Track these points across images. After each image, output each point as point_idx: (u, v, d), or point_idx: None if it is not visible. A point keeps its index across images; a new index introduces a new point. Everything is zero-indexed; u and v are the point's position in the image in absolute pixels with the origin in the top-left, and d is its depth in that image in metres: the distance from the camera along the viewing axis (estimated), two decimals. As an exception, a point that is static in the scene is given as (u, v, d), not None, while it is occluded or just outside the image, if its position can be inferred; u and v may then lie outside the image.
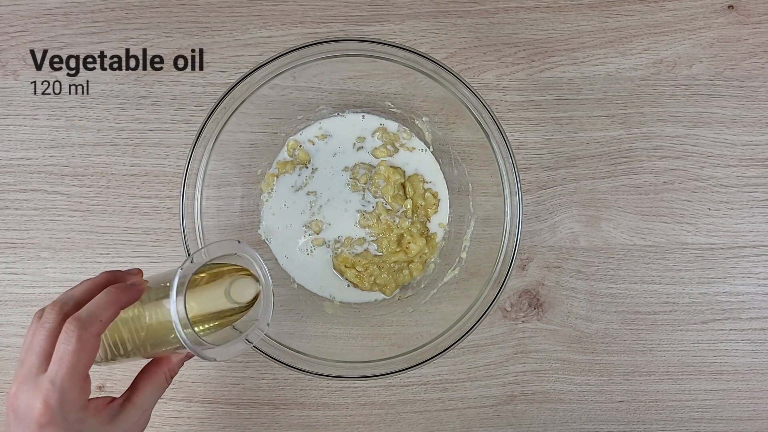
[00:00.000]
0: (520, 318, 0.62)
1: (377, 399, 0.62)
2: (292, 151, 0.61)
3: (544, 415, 0.62)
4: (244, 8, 0.62)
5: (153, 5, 0.62)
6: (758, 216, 0.62)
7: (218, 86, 0.62)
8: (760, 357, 0.62)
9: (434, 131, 0.61)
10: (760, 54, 0.62)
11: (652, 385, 0.62)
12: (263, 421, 0.62)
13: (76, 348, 0.38)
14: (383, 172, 0.60)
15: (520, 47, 0.62)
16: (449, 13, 0.62)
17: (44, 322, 0.39)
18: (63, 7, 0.62)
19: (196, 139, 0.54)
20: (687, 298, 0.62)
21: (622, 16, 0.62)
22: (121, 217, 0.62)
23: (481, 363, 0.62)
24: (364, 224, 0.61)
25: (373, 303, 0.62)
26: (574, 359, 0.62)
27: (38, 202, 0.62)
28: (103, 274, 0.45)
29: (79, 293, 0.42)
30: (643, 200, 0.61)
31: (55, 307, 0.40)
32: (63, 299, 0.41)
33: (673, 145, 0.62)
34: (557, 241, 0.62)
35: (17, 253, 0.62)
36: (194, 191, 0.55)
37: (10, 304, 0.62)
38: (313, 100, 0.61)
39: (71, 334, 0.38)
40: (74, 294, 0.42)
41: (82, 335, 0.38)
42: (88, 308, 0.40)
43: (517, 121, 0.62)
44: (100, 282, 0.43)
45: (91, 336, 0.39)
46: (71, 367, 0.38)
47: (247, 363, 0.62)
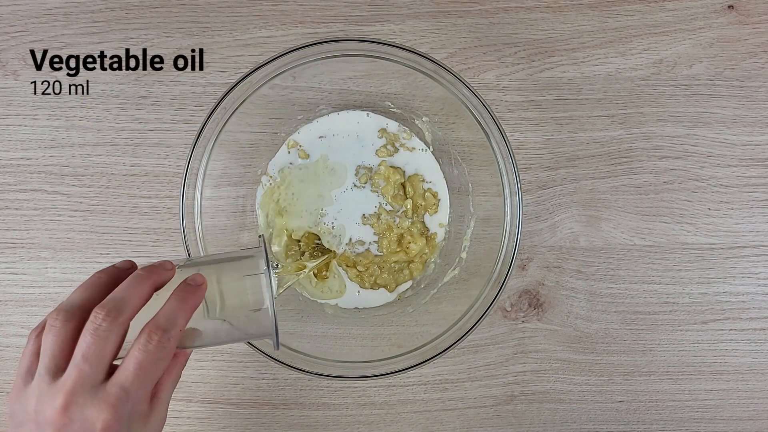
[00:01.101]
0: (520, 318, 0.62)
1: (377, 399, 0.62)
2: (291, 150, 0.61)
3: (544, 415, 0.62)
4: (244, 8, 0.62)
5: (153, 5, 0.62)
6: (758, 216, 0.62)
7: (218, 86, 0.62)
8: (760, 357, 0.62)
9: (434, 131, 0.61)
10: (760, 54, 0.62)
11: (652, 385, 0.62)
12: (263, 421, 0.62)
13: (155, 357, 0.36)
14: (383, 172, 0.60)
15: (520, 47, 0.62)
16: (449, 13, 0.62)
17: (97, 329, 0.35)
18: (63, 7, 0.62)
19: (196, 139, 0.54)
20: (687, 298, 0.62)
21: (622, 16, 0.62)
22: (121, 217, 0.62)
23: (481, 363, 0.62)
24: (365, 223, 0.61)
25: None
26: (574, 359, 0.62)
27: (38, 202, 0.62)
28: (128, 266, 0.41)
29: (123, 293, 0.38)
30: (643, 200, 0.61)
31: (104, 311, 0.36)
32: (114, 303, 0.37)
33: (673, 145, 0.62)
34: (557, 241, 0.62)
35: (17, 253, 0.62)
36: (194, 191, 0.55)
37: (10, 304, 0.62)
38: (313, 100, 0.61)
39: (152, 343, 0.36)
40: (121, 295, 0.37)
41: (164, 344, 0.36)
42: (165, 316, 0.37)
43: (517, 121, 0.62)
44: (143, 280, 0.39)
45: (170, 345, 0.37)
46: (146, 376, 0.36)
47: (247, 363, 0.62)
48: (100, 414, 0.35)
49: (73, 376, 0.35)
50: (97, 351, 0.36)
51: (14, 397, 0.38)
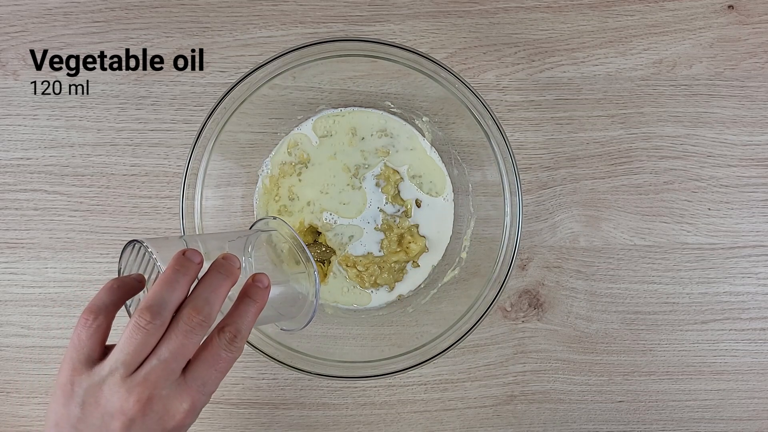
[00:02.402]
0: (520, 318, 0.62)
1: (377, 399, 0.62)
2: (291, 150, 0.61)
3: (544, 415, 0.62)
4: (244, 8, 0.62)
5: (153, 5, 0.62)
6: (758, 216, 0.62)
7: (218, 86, 0.62)
8: (760, 357, 0.62)
9: (434, 131, 0.61)
10: (760, 54, 0.62)
11: (652, 385, 0.62)
12: (263, 421, 0.62)
13: (232, 357, 0.40)
14: (383, 172, 0.60)
15: (520, 47, 0.62)
16: (449, 13, 0.62)
17: (189, 332, 0.38)
18: (63, 7, 0.62)
19: (196, 139, 0.54)
20: (687, 298, 0.62)
21: (622, 16, 0.62)
22: (121, 217, 0.62)
23: (481, 363, 0.62)
24: (365, 223, 0.61)
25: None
26: (574, 359, 0.62)
27: (38, 202, 0.62)
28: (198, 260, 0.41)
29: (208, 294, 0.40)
30: (643, 200, 0.61)
31: (200, 315, 0.38)
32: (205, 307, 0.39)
33: (673, 145, 0.62)
34: (557, 241, 0.62)
35: (17, 253, 0.62)
36: (194, 191, 0.55)
37: (10, 304, 0.62)
38: (313, 100, 0.61)
39: (233, 344, 0.39)
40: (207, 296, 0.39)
41: (238, 345, 0.40)
42: (242, 319, 0.41)
43: (517, 121, 0.62)
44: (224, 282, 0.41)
45: (242, 345, 0.41)
46: (221, 374, 0.40)
47: (247, 363, 0.62)
48: (183, 405, 0.38)
49: (158, 371, 0.38)
50: (186, 350, 0.38)
51: (73, 379, 0.38)
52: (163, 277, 0.39)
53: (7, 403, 0.62)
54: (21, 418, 0.62)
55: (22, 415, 0.62)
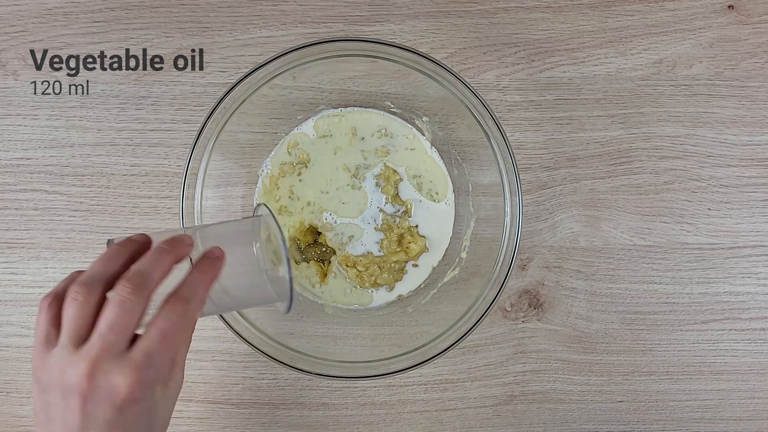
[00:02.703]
0: (520, 318, 0.62)
1: (377, 399, 0.62)
2: (291, 150, 0.61)
3: (544, 415, 0.62)
4: (244, 8, 0.62)
5: (153, 5, 0.62)
6: (758, 216, 0.62)
7: (218, 86, 0.62)
8: (760, 357, 0.62)
9: (434, 131, 0.61)
10: (760, 54, 0.62)
11: (652, 385, 0.62)
12: (263, 421, 0.62)
13: (178, 326, 0.39)
14: (383, 172, 0.60)
15: (520, 47, 0.62)
16: (449, 13, 0.62)
17: (124, 301, 0.37)
18: (63, 7, 0.62)
19: (196, 139, 0.54)
20: (687, 298, 0.62)
21: (622, 16, 0.62)
22: (121, 217, 0.62)
23: (481, 363, 0.62)
24: (366, 224, 0.61)
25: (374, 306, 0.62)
26: (574, 359, 0.62)
27: (38, 202, 0.62)
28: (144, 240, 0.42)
29: (147, 267, 0.39)
30: (643, 200, 0.61)
31: (131, 285, 0.38)
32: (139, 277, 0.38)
33: (673, 145, 0.62)
34: (557, 241, 0.62)
35: (17, 253, 0.62)
36: (194, 191, 0.55)
37: (10, 304, 0.62)
38: (313, 100, 0.61)
39: (176, 313, 0.38)
40: (146, 269, 0.39)
41: (187, 314, 0.39)
42: (188, 288, 0.40)
43: (517, 121, 0.62)
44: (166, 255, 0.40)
45: (192, 315, 0.40)
46: (169, 344, 0.38)
47: (247, 363, 0.62)
48: (126, 378, 0.37)
49: (98, 345, 0.37)
50: (123, 321, 0.37)
51: (38, 365, 0.39)
52: (101, 255, 0.40)
53: (7, 403, 0.62)
54: (21, 418, 0.62)
55: (23, 415, 0.62)
